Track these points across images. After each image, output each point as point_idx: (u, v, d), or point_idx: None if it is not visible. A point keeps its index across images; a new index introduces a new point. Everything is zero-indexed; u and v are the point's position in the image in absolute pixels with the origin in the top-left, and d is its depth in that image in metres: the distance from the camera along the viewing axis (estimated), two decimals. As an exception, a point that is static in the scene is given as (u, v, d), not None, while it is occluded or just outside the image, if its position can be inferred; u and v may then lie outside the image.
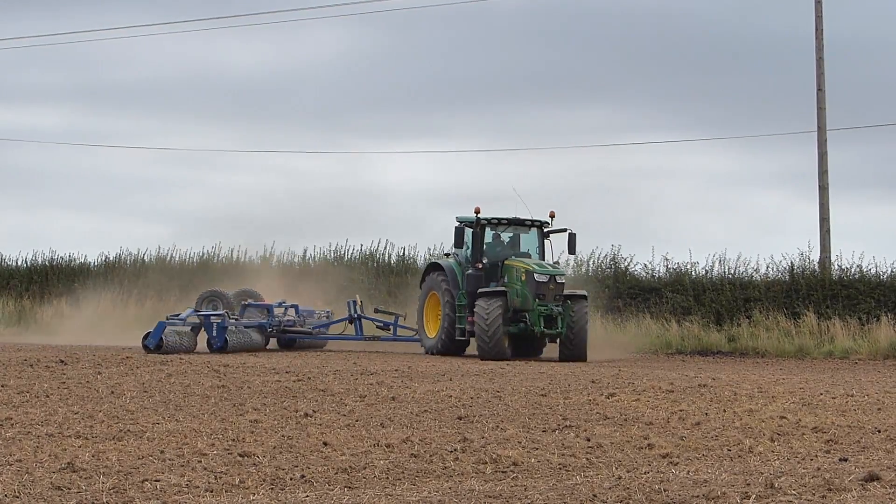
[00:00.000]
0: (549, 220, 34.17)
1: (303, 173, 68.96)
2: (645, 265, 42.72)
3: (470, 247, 33.97)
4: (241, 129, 73.34)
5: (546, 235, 34.19)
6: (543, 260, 33.81)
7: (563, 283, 32.78)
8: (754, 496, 10.64)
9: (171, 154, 75.29)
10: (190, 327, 32.56)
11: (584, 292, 33.12)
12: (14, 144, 72.41)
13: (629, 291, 41.50)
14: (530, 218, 34.09)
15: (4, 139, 70.34)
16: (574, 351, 32.27)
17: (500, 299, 32.45)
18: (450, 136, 72.44)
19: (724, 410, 18.29)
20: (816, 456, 13.78)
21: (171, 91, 74.39)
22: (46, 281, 50.43)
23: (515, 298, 32.67)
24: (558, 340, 32.73)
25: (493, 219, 33.97)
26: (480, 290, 33.20)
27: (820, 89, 42.42)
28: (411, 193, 67.36)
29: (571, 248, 33.64)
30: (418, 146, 76.80)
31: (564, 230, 33.76)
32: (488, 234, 34.25)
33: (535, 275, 32.47)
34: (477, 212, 33.71)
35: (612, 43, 68.93)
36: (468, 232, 34.08)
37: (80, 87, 75.29)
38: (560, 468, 12.78)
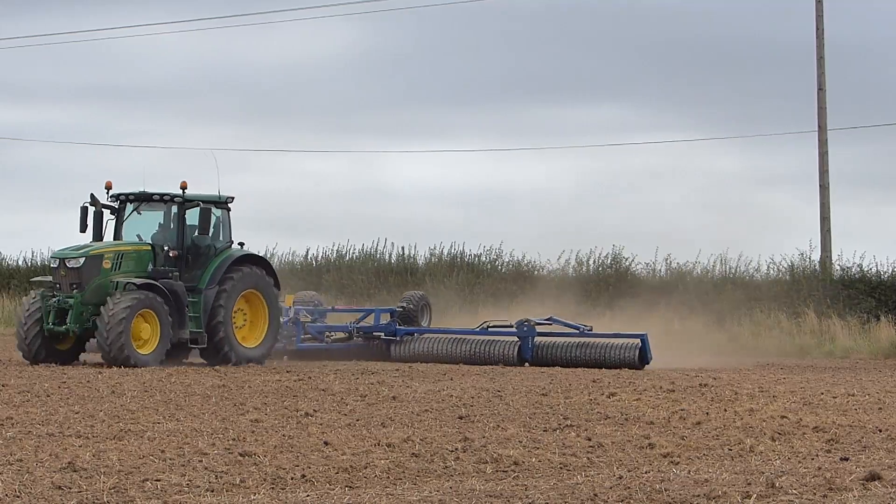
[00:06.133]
0: (180, 192, 26.94)
1: (310, 173, 68.87)
2: (646, 265, 42.69)
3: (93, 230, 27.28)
4: (247, 129, 73.27)
5: (182, 211, 26.90)
6: (182, 240, 26.82)
7: (79, 269, 25.68)
8: (755, 496, 10.64)
9: (177, 153, 75.24)
10: None
11: (147, 282, 25.80)
12: (17, 144, 72.46)
13: (630, 291, 41.41)
14: (159, 192, 27.13)
15: (13, 138, 70.34)
16: (105, 353, 25.28)
17: (43, 292, 26.15)
18: (455, 136, 72.40)
19: (725, 410, 18.29)
20: (817, 455, 13.78)
21: (177, 90, 74.33)
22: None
23: None
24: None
25: (120, 195, 27.20)
26: (33, 279, 28.53)
27: (821, 89, 42.40)
28: (415, 193, 67.27)
29: (202, 227, 26.54)
30: (425, 146, 76.79)
31: (197, 204, 26.67)
32: (127, 211, 27.35)
33: (53, 261, 26.49)
34: (108, 187, 27.30)
35: (612, 43, 68.91)
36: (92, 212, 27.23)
37: (85, 87, 75.27)
38: (561, 468, 12.78)
